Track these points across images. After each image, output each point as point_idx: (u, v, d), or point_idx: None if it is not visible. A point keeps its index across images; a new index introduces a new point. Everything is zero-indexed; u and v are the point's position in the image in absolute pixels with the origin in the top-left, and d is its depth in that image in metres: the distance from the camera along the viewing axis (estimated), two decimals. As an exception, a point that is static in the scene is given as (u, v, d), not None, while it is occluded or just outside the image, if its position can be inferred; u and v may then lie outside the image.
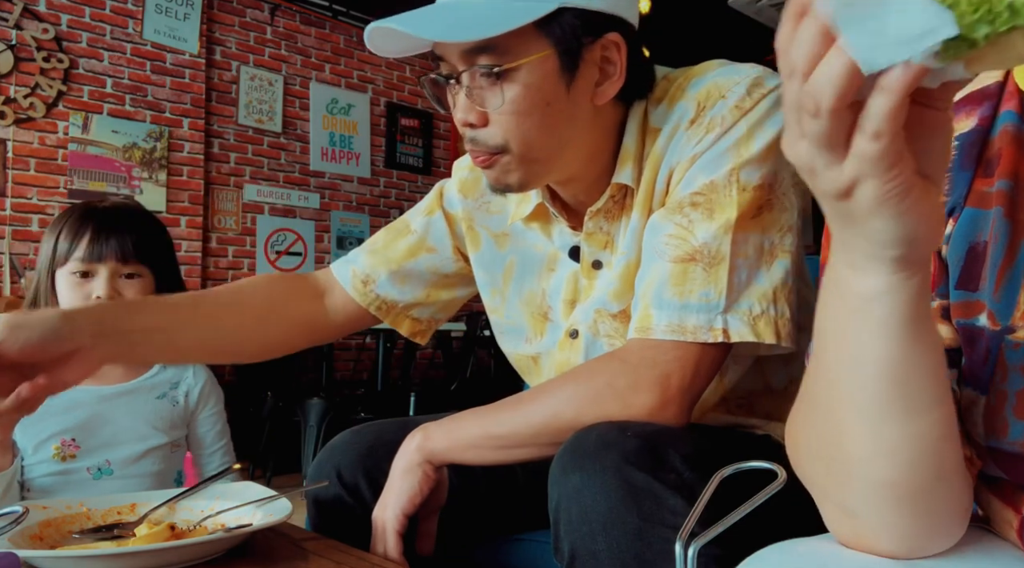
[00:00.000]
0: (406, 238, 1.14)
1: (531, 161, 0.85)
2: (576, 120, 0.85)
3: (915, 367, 0.43)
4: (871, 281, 0.41)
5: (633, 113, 0.90)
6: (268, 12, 5.03)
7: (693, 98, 0.85)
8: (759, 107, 0.82)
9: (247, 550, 0.86)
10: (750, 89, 0.83)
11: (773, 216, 0.82)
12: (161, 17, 4.54)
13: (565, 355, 0.99)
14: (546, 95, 0.81)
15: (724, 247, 0.79)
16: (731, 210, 0.80)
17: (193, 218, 4.64)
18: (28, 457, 1.22)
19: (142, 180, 4.43)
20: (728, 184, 0.80)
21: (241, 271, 4.90)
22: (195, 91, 4.68)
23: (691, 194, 0.82)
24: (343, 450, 1.04)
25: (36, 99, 4.08)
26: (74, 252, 1.23)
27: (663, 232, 0.83)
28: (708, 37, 5.98)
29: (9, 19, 4.01)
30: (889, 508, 0.46)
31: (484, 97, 0.81)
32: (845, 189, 0.38)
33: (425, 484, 0.87)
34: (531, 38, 0.79)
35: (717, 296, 0.79)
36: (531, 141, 0.83)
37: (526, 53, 0.79)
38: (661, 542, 0.68)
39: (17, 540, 0.82)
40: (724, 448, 0.80)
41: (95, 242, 1.23)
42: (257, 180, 4.98)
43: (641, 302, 0.83)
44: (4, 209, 4.00)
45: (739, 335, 0.79)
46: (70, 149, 4.20)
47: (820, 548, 0.52)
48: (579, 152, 0.88)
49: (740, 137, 0.81)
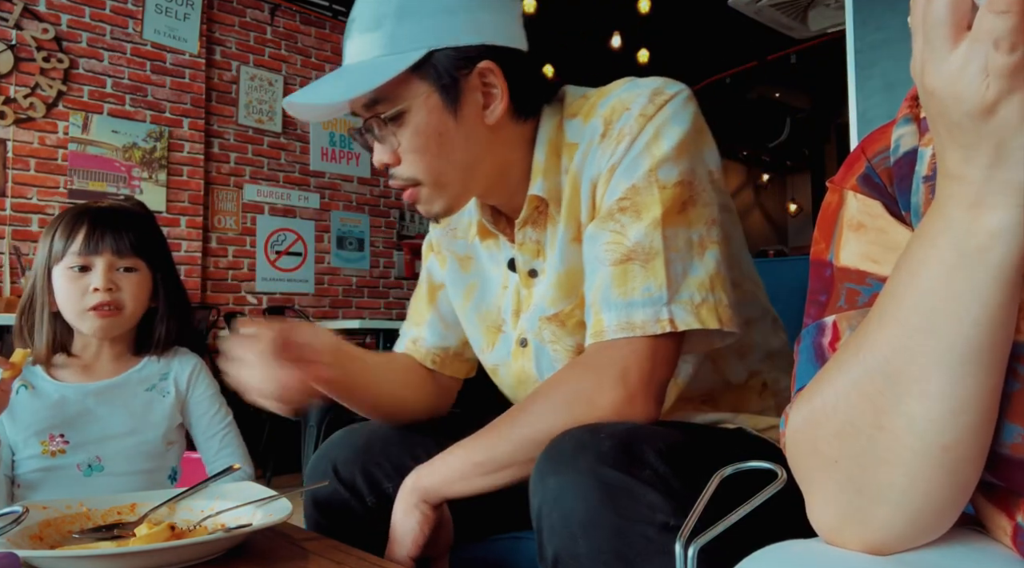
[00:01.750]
0: (422, 288, 1.21)
1: (443, 186, 0.94)
2: (473, 143, 0.94)
3: (1011, 316, 0.44)
4: (998, 216, 0.42)
5: (544, 127, 0.97)
6: (268, 12, 5.03)
7: (601, 115, 0.92)
8: (662, 112, 0.88)
9: (247, 550, 0.86)
10: (651, 97, 0.89)
11: (697, 211, 0.87)
12: (161, 17, 4.54)
13: (519, 363, 1.03)
14: (437, 128, 0.91)
15: (656, 242, 0.84)
16: (656, 208, 0.85)
17: (193, 218, 4.64)
18: (18, 452, 1.22)
19: (142, 180, 4.44)
20: (648, 185, 0.86)
21: (241, 271, 4.90)
22: (195, 91, 4.68)
23: (617, 200, 0.87)
24: (339, 446, 1.06)
25: (36, 99, 4.08)
26: (70, 247, 1.24)
27: (600, 241, 0.88)
28: (708, 37, 5.99)
29: (9, 19, 4.01)
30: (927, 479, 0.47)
31: (388, 140, 0.92)
32: (991, 103, 0.39)
33: (425, 524, 0.88)
34: (411, 83, 0.89)
35: (658, 289, 0.83)
36: (436, 170, 0.93)
37: (409, 96, 0.90)
38: (641, 539, 0.69)
39: (17, 540, 0.82)
40: (698, 442, 0.83)
41: (90, 237, 1.24)
42: (257, 180, 4.98)
43: (592, 309, 0.87)
44: (4, 209, 4.00)
45: (685, 323, 0.83)
46: (70, 149, 4.20)
47: (818, 548, 0.52)
48: (488, 169, 0.96)
49: (649, 140, 0.87)
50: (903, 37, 2.31)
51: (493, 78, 0.91)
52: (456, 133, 0.92)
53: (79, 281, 1.24)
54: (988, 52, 0.38)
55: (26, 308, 1.29)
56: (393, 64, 0.87)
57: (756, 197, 9.78)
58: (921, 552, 0.50)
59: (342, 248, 5.40)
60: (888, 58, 2.33)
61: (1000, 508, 0.52)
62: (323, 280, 5.30)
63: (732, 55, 6.45)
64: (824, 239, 0.60)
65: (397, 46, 0.88)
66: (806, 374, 0.57)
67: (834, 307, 0.57)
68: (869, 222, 0.56)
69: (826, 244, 0.59)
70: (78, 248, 1.24)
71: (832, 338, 0.56)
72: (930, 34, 0.40)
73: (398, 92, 0.89)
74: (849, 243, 0.57)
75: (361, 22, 0.90)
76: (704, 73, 6.85)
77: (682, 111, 0.89)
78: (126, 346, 1.33)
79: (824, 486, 0.51)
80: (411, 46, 0.88)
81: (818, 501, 0.52)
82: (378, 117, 0.90)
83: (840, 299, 0.57)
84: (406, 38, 0.88)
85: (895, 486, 0.47)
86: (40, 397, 1.24)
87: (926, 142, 0.55)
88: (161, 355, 1.35)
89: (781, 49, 6.05)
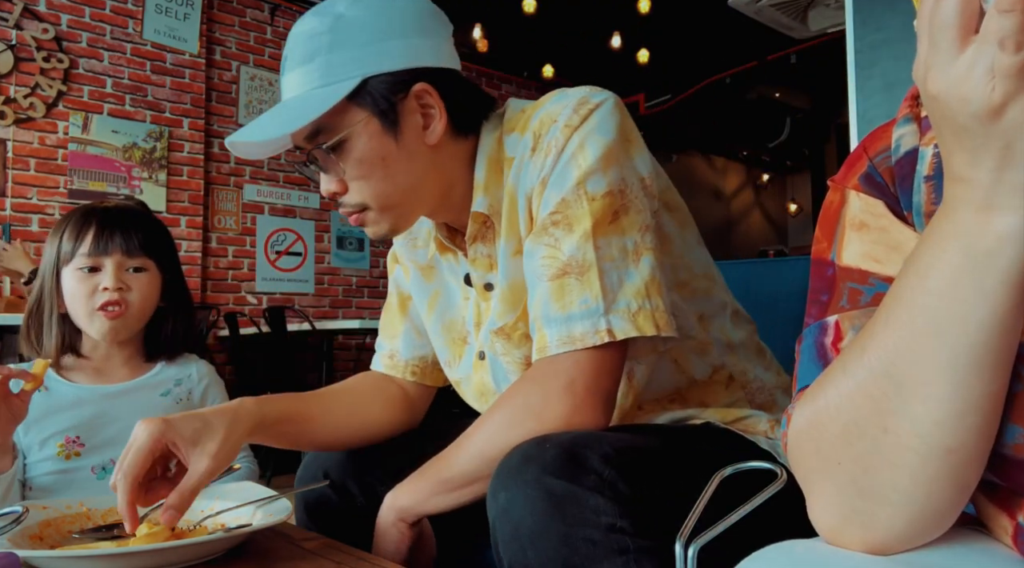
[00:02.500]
0: (392, 300, 1.21)
1: (390, 209, 0.95)
2: (416, 163, 0.95)
3: (1018, 320, 0.44)
4: (1007, 220, 0.42)
5: (484, 143, 0.99)
6: (268, 12, 5.03)
7: (531, 129, 0.94)
8: (588, 122, 0.89)
9: (247, 550, 0.86)
10: (576, 108, 0.90)
11: (630, 218, 0.88)
12: (161, 17, 4.54)
13: (479, 376, 1.05)
14: (379, 152, 0.92)
15: (588, 255, 0.86)
16: (586, 220, 0.86)
17: (193, 218, 4.64)
18: (32, 454, 1.22)
19: (142, 180, 4.43)
20: (578, 197, 0.87)
21: (241, 271, 4.90)
22: (195, 91, 4.68)
23: (549, 214, 0.89)
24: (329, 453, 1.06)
25: (36, 99, 4.08)
26: (79, 248, 1.24)
27: (537, 256, 0.89)
28: (708, 37, 5.99)
29: (9, 19, 4.01)
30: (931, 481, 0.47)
31: (333, 169, 0.93)
32: (999, 105, 0.39)
33: (402, 542, 0.90)
34: (348, 111, 0.90)
35: (595, 300, 0.85)
36: (381, 193, 0.94)
37: (348, 124, 0.91)
38: (586, 543, 0.70)
39: (17, 540, 0.82)
40: (650, 442, 0.83)
41: (100, 237, 1.24)
42: (257, 180, 4.98)
43: (535, 325, 0.89)
44: (4, 209, 4.00)
45: (623, 332, 0.84)
46: (70, 149, 4.20)
47: (820, 548, 0.52)
48: (433, 188, 0.98)
49: (574, 151, 0.88)
50: (903, 37, 2.31)
51: (430, 99, 0.93)
52: (398, 156, 0.93)
53: (88, 281, 1.24)
54: (994, 53, 0.38)
55: (34, 310, 1.28)
56: (330, 94, 0.89)
57: (756, 197, 9.78)
58: (922, 552, 0.50)
59: (342, 248, 5.40)
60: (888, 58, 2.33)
61: (1001, 508, 0.52)
62: (323, 280, 5.30)
63: (732, 55, 6.45)
64: (826, 238, 0.60)
65: (332, 76, 0.89)
66: (808, 374, 0.56)
67: (836, 307, 0.57)
68: (872, 221, 0.56)
69: (828, 243, 0.59)
70: (87, 249, 1.23)
71: (835, 338, 0.56)
72: (936, 37, 0.40)
73: (337, 121, 0.90)
74: (851, 243, 0.57)
75: (294, 58, 0.91)
76: (704, 73, 6.85)
77: (608, 120, 0.89)
78: (135, 349, 1.33)
79: (826, 487, 0.51)
80: (345, 75, 0.89)
81: (819, 501, 0.51)
82: (320, 147, 0.91)
83: (842, 299, 0.56)
84: (340, 68, 0.89)
85: (898, 488, 0.47)
86: (55, 399, 1.24)
87: (927, 142, 0.55)
88: (174, 361, 1.35)
89: (781, 49, 6.05)
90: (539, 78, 6.51)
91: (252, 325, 4.54)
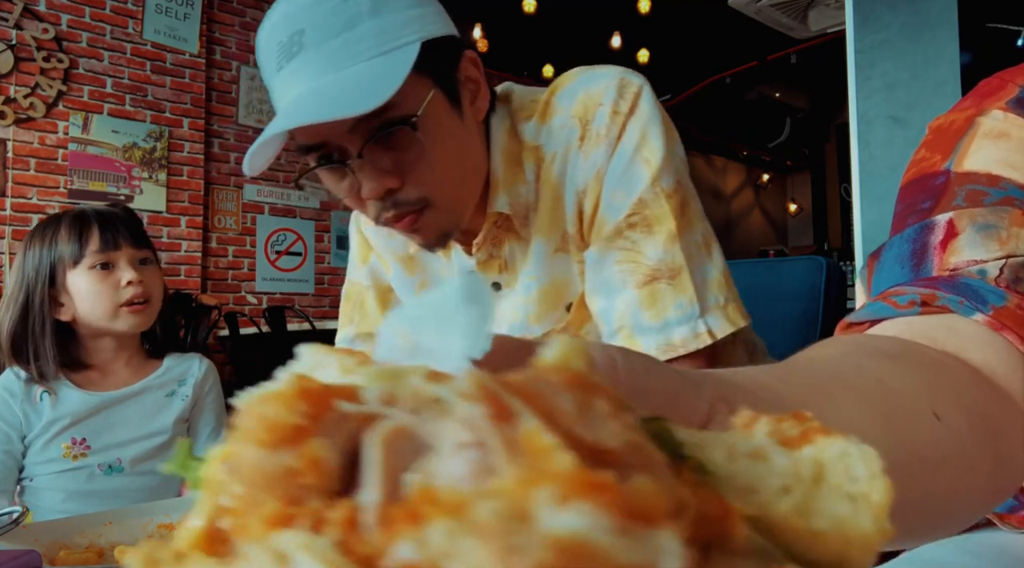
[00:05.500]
0: (368, 295, 1.08)
1: (454, 203, 0.83)
2: (474, 146, 0.85)
3: None
4: None
5: (495, 135, 0.88)
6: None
7: (571, 114, 0.85)
8: (639, 109, 0.83)
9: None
10: (620, 91, 0.84)
11: (692, 209, 0.85)
12: (161, 17, 4.54)
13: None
14: (448, 130, 0.80)
15: (678, 258, 0.82)
16: (668, 220, 0.82)
17: (193, 218, 4.64)
18: (35, 456, 1.22)
19: (142, 180, 4.43)
20: (655, 196, 0.82)
21: (241, 271, 4.90)
22: (195, 91, 4.68)
23: (624, 217, 0.83)
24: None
25: (36, 99, 4.08)
26: (87, 248, 1.23)
27: (610, 262, 0.84)
28: (708, 37, 5.99)
29: (9, 19, 4.01)
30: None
31: (392, 157, 0.78)
32: None
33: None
34: (413, 84, 0.75)
35: (690, 304, 0.81)
36: (449, 182, 0.81)
37: (417, 99, 0.76)
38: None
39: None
40: None
41: (105, 233, 1.23)
42: (257, 180, 4.97)
43: (620, 335, 0.84)
44: (4, 209, 4.00)
45: (721, 330, 0.82)
46: (70, 149, 4.20)
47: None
48: (479, 176, 0.87)
49: (637, 144, 0.82)
50: (903, 37, 2.31)
51: (473, 70, 0.83)
52: (463, 135, 0.82)
53: (108, 278, 1.23)
54: None
55: (18, 325, 1.22)
56: (396, 62, 0.74)
57: (756, 197, 9.77)
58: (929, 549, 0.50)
59: (342, 248, 5.40)
60: (888, 58, 2.33)
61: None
62: (323, 280, 5.30)
63: (732, 55, 6.45)
64: (940, 152, 0.56)
65: (388, 42, 0.75)
66: (888, 279, 0.51)
67: (948, 206, 0.52)
68: (1015, 133, 0.53)
69: (943, 156, 0.56)
70: (97, 246, 1.22)
71: (945, 236, 0.50)
72: None
73: (401, 98, 0.74)
74: (983, 149, 0.54)
75: (320, 30, 0.75)
76: (704, 73, 6.85)
77: (656, 106, 0.84)
78: (135, 347, 1.33)
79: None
80: (403, 40, 0.75)
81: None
82: (374, 134, 0.76)
83: (956, 199, 0.52)
84: (395, 32, 0.75)
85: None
86: (63, 405, 1.24)
87: None
88: (177, 360, 1.36)
89: (781, 49, 6.04)
90: (539, 78, 6.51)
91: (252, 325, 4.54)
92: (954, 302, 0.44)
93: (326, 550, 0.17)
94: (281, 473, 0.19)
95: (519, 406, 0.18)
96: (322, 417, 0.20)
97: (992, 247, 0.47)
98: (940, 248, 0.49)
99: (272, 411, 0.20)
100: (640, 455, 0.18)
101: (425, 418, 0.19)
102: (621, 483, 0.15)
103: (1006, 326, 0.43)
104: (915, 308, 0.45)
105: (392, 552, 0.16)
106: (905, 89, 2.30)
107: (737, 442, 0.21)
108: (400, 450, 0.19)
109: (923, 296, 0.45)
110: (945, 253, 0.49)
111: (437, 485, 0.16)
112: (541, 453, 0.16)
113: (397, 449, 0.19)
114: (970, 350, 0.43)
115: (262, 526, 0.18)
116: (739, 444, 0.21)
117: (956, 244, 0.49)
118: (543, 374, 0.19)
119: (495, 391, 0.18)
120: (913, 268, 0.50)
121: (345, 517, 0.17)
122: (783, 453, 0.21)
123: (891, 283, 0.49)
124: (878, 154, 2.32)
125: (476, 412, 0.18)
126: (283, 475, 0.19)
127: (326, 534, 0.17)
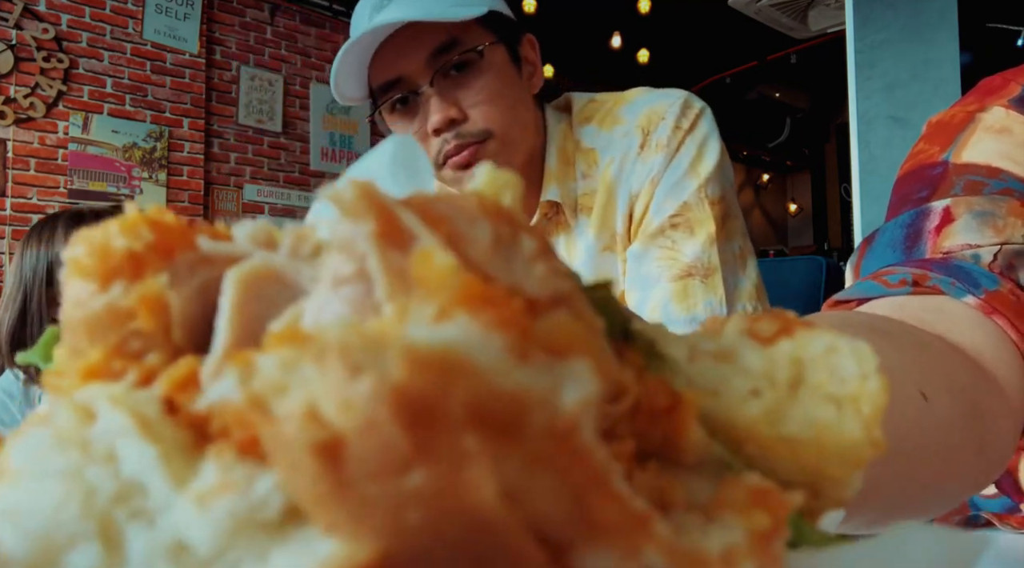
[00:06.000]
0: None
1: (510, 144, 0.92)
2: (530, 109, 0.95)
3: None
4: None
5: (553, 133, 0.98)
6: (268, 12, 5.03)
7: (635, 125, 0.93)
8: (699, 127, 0.91)
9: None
10: (683, 110, 0.92)
11: (733, 223, 0.91)
12: (161, 17, 4.54)
13: None
14: (508, 78, 0.91)
15: (713, 258, 0.87)
16: (709, 224, 0.88)
17: (193, 218, 4.64)
18: None
19: (142, 180, 4.43)
20: (700, 201, 0.89)
21: (241, 271, 4.91)
22: (195, 91, 4.68)
23: (668, 218, 0.89)
24: None
25: (36, 99, 4.08)
26: None
27: (650, 258, 0.90)
28: (708, 37, 5.99)
29: (9, 19, 4.01)
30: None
31: (458, 92, 0.89)
32: None
33: None
34: (481, 32, 0.89)
35: (719, 303, 0.86)
36: (508, 121, 0.91)
37: (485, 40, 0.89)
38: None
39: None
40: None
41: None
42: (257, 180, 4.98)
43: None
44: (4, 209, 4.00)
45: None
46: (70, 149, 4.20)
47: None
48: (532, 143, 0.96)
49: (693, 157, 0.90)
50: (903, 37, 2.31)
51: (531, 52, 0.94)
52: (519, 89, 0.93)
53: None
54: None
55: (16, 327, 1.21)
56: (470, 8, 0.86)
57: (756, 197, 9.77)
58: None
59: (342, 248, 5.40)
60: (888, 58, 2.33)
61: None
62: (323, 280, 5.30)
63: (732, 55, 6.45)
64: (939, 144, 0.57)
65: (462, 2, 0.88)
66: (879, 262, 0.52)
67: (946, 194, 0.52)
68: (1017, 129, 0.54)
69: (941, 148, 0.57)
70: None
71: (942, 221, 0.50)
72: None
73: (471, 38, 0.88)
74: (983, 142, 0.54)
75: None
76: (704, 73, 6.84)
77: (715, 127, 0.92)
78: None
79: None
80: (475, 3, 0.88)
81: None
82: (447, 66, 0.88)
83: (954, 188, 0.52)
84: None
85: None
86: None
87: None
88: None
89: (781, 49, 6.04)
90: (539, 78, 6.51)
91: (252, 325, 4.53)
92: (945, 283, 0.44)
93: (139, 403, 0.13)
94: (107, 315, 0.14)
95: (417, 225, 0.13)
96: (173, 253, 0.15)
97: (988, 233, 0.47)
98: (934, 233, 0.50)
99: (104, 236, 0.15)
100: (571, 310, 0.13)
101: (303, 260, 0.15)
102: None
103: (997, 310, 0.43)
104: (906, 287, 0.45)
105: (207, 393, 0.12)
106: (905, 89, 2.30)
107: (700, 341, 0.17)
108: (263, 295, 0.15)
109: (915, 276, 0.45)
110: (939, 237, 0.49)
111: (303, 330, 0.12)
112: (435, 282, 0.12)
113: (258, 293, 0.15)
114: (959, 332, 0.43)
115: (76, 380, 0.14)
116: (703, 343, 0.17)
117: (951, 229, 0.49)
118: (457, 198, 0.15)
119: (386, 204, 0.14)
120: (905, 251, 0.50)
121: (182, 373, 0.13)
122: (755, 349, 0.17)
123: (882, 265, 0.49)
124: (878, 154, 2.32)
125: (360, 231, 0.14)
126: (110, 317, 0.14)
127: (152, 389, 0.13)
